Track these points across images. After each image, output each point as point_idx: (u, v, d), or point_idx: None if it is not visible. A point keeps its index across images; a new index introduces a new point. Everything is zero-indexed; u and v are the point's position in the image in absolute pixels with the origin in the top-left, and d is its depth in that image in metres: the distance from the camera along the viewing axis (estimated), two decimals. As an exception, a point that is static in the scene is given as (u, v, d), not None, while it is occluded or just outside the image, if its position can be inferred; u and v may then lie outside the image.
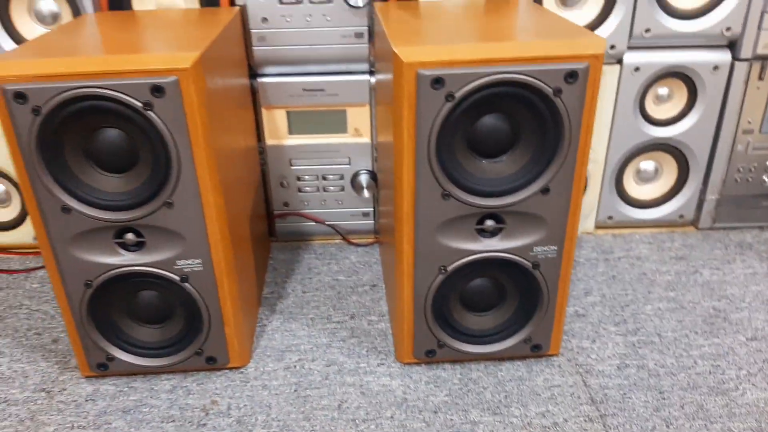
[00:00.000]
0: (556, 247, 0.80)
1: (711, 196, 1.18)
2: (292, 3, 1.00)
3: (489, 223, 0.79)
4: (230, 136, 0.87)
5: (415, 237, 0.79)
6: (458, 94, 0.69)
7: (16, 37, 1.02)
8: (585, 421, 0.79)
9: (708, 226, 1.21)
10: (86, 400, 0.85)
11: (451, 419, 0.80)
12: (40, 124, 0.70)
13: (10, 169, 1.12)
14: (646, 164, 1.17)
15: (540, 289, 0.82)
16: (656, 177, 1.18)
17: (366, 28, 1.02)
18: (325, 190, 1.16)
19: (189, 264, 0.80)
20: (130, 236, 0.78)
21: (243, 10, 1.00)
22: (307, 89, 1.07)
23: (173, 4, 1.02)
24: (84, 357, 0.86)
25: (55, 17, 1.02)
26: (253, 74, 1.07)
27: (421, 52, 0.69)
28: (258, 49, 1.03)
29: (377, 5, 0.97)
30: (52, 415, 0.83)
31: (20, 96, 0.68)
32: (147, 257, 0.79)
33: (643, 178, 1.18)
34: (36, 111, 0.69)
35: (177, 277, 0.80)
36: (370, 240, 1.21)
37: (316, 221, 1.19)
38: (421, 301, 0.83)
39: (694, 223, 1.22)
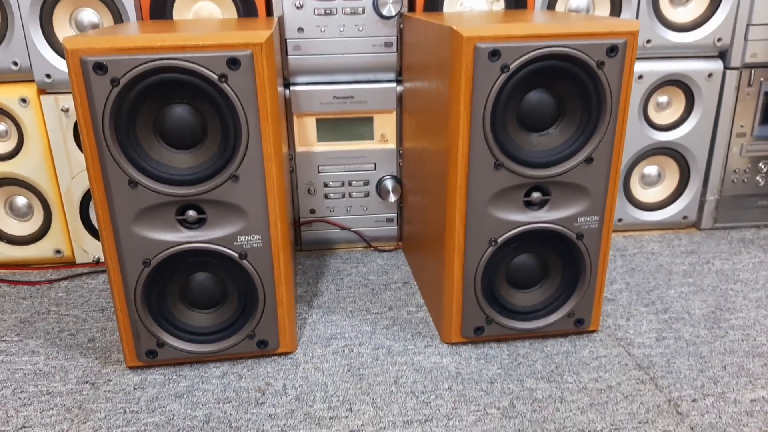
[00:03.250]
0: (597, 218, 0.85)
1: (710, 197, 1.26)
2: (326, 14, 1.07)
3: (536, 195, 0.84)
4: (281, 131, 0.90)
5: (467, 210, 0.83)
6: (513, 66, 0.76)
7: (55, 45, 1.05)
8: (637, 383, 0.82)
9: (709, 226, 1.29)
10: (135, 389, 0.83)
11: (509, 387, 0.82)
12: (116, 96, 0.72)
13: (37, 179, 1.12)
14: (650, 169, 1.25)
15: (583, 260, 0.87)
16: (660, 181, 1.27)
17: (395, 37, 1.09)
18: (350, 196, 1.19)
19: (249, 240, 0.81)
20: (191, 213, 0.80)
21: (280, 20, 1.07)
22: (338, 96, 1.12)
23: (211, 15, 1.07)
24: (132, 344, 0.85)
25: (94, 27, 1.06)
26: (287, 84, 1.12)
27: (478, 29, 0.76)
28: (293, 58, 1.09)
29: (407, 15, 1.05)
30: (101, 404, 0.80)
31: (100, 67, 0.71)
32: (207, 234, 0.81)
33: (647, 182, 1.26)
34: (114, 82, 0.72)
35: (236, 254, 0.81)
36: (393, 246, 1.24)
37: (341, 227, 1.21)
38: (471, 277, 0.86)
39: (696, 225, 1.30)
